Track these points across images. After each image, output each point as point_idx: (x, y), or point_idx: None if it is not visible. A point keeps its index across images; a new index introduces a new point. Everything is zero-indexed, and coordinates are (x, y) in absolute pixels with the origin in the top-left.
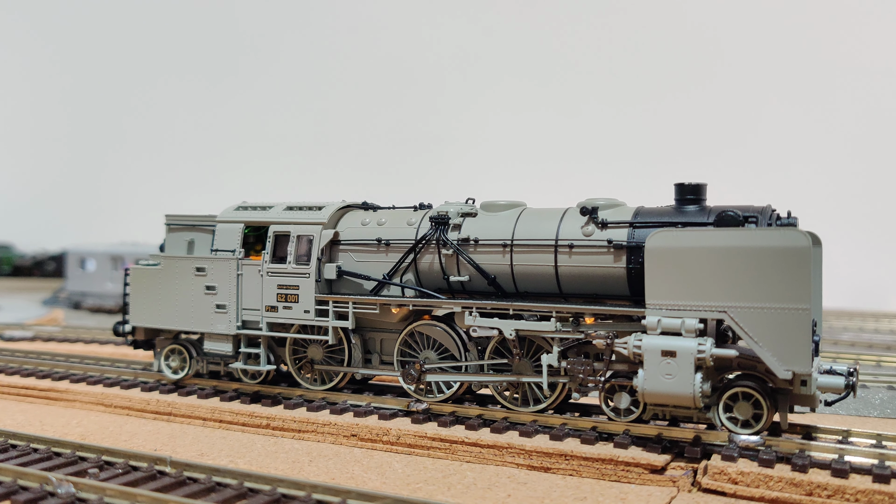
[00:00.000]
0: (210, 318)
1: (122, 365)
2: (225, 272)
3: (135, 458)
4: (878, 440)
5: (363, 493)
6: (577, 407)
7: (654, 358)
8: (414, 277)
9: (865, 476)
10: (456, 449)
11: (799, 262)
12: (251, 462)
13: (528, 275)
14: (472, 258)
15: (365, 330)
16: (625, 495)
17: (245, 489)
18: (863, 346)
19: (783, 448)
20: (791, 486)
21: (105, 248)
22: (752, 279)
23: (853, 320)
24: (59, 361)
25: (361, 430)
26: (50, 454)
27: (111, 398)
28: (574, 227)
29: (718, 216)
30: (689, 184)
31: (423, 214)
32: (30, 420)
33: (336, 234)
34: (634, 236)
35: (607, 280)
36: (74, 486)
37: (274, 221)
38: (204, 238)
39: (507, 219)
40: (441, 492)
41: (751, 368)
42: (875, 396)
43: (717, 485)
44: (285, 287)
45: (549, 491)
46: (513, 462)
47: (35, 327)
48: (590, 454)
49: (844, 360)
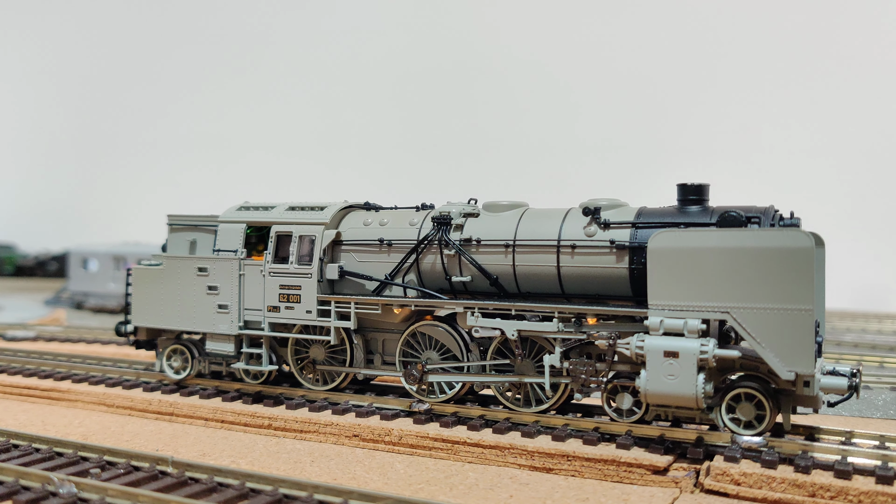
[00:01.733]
0: (212, 319)
1: (124, 365)
2: (227, 272)
3: (136, 458)
4: (881, 441)
5: (365, 494)
6: (580, 408)
7: (657, 359)
8: (416, 278)
9: (868, 477)
10: (458, 449)
11: (802, 262)
12: (253, 462)
13: (531, 275)
14: (474, 258)
15: (367, 330)
16: (627, 496)
17: (247, 489)
18: (866, 348)
19: (786, 449)
20: (794, 487)
21: (107, 248)
22: (755, 280)
23: (856, 321)
24: (61, 361)
25: (363, 431)
26: (52, 454)
27: (113, 398)
28: (576, 227)
29: (721, 217)
30: (692, 184)
31: (426, 215)
32: (32, 420)
33: (338, 234)
34: (637, 237)
35: (610, 280)
36: (76, 486)
37: (276, 221)
38: (206, 238)
39: (510, 219)
40: (443, 492)
41: (753, 369)
42: (878, 398)
43: (720, 486)
44: (287, 287)
45: (551, 492)
46: (515, 463)
47: (37, 327)
48: (592, 455)
49: (847, 362)
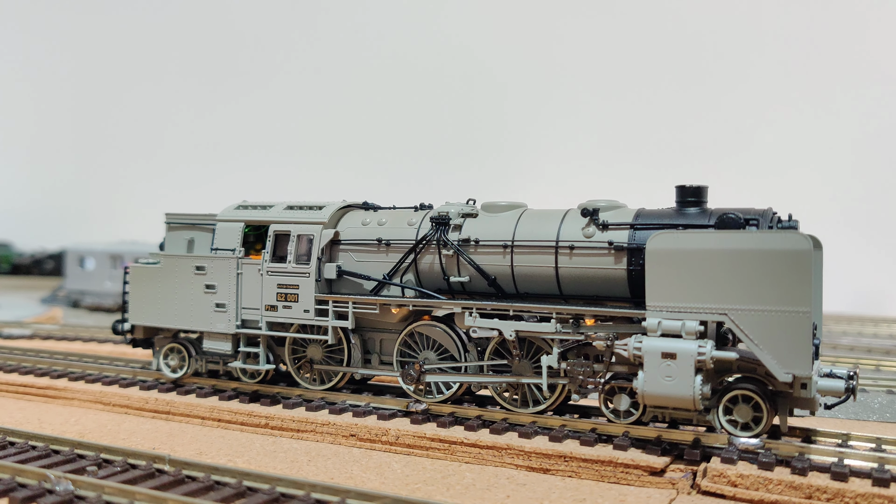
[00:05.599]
0: (209, 317)
1: (120, 363)
2: (225, 271)
3: (133, 455)
4: (877, 444)
5: (362, 493)
6: (577, 408)
7: (654, 360)
8: (414, 278)
9: (865, 479)
10: (455, 450)
11: (800, 264)
12: (250, 461)
13: (529, 276)
14: (472, 259)
15: (364, 330)
16: (624, 497)
17: (244, 488)
18: (862, 351)
19: (783, 451)
20: (790, 489)
21: (104, 246)
22: (752, 282)
23: (852, 325)
24: (57, 359)
25: (360, 430)
26: (48, 451)
27: (110, 396)
28: (575, 228)
29: (719, 218)
30: (690, 186)
31: (424, 215)
32: (28, 418)
33: (336, 233)
34: (635, 238)
35: (608, 281)
36: (73, 484)
37: (274, 221)
38: (204, 237)
39: (508, 220)
40: (440, 492)
41: (751, 371)
42: (874, 400)
43: (717, 487)
44: (285, 286)
45: (548, 492)
46: (512, 463)
47: (34, 325)
48: (589, 456)
49: (843, 364)
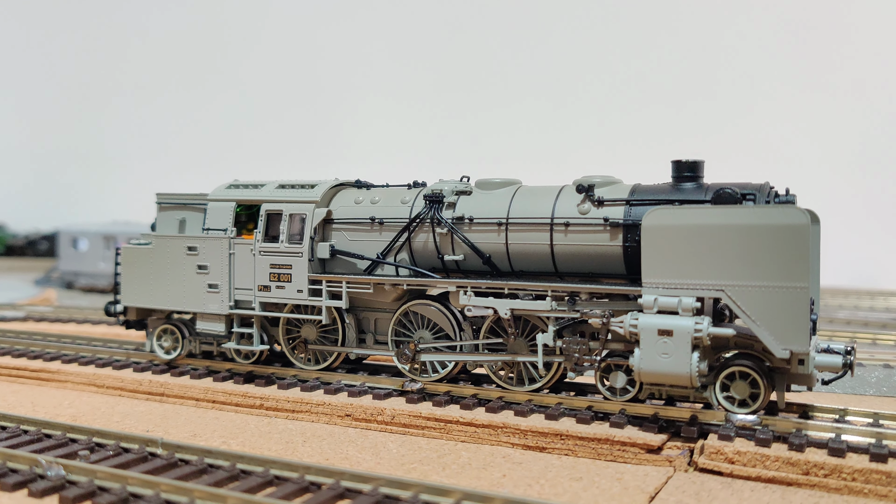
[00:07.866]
0: (202, 298)
1: (114, 345)
2: (217, 251)
3: (126, 439)
4: (874, 419)
5: (357, 475)
6: (573, 386)
7: (651, 337)
8: (408, 256)
9: (862, 455)
10: (451, 429)
11: (797, 239)
12: (244, 443)
13: (524, 253)
14: (466, 237)
15: (359, 309)
16: (621, 475)
17: (237, 471)
18: (858, 325)
19: (780, 427)
20: (788, 465)
21: (97, 227)
22: (749, 257)
23: (848, 298)
24: (50, 342)
25: (356, 410)
26: (40, 436)
27: (103, 379)
28: (570, 204)
29: (716, 194)
30: (686, 161)
31: (418, 193)
32: (21, 401)
33: (329, 212)
34: (631, 214)
35: (603, 258)
36: (65, 469)
37: (266, 200)
38: (195, 217)
39: (503, 197)
40: (436, 472)
41: (748, 347)
42: (871, 375)
43: (714, 464)
44: (278, 266)
45: (544, 471)
46: (508, 442)
47: (27, 307)
48: (585, 434)
49: (840, 339)
